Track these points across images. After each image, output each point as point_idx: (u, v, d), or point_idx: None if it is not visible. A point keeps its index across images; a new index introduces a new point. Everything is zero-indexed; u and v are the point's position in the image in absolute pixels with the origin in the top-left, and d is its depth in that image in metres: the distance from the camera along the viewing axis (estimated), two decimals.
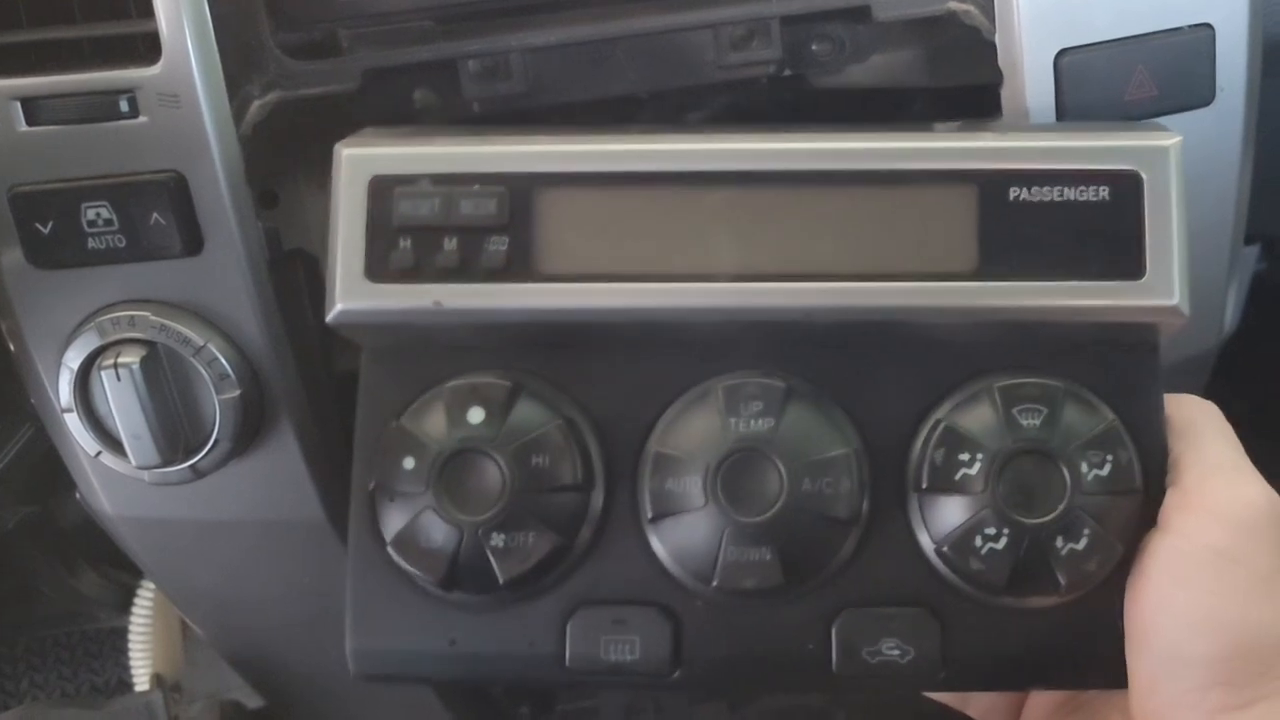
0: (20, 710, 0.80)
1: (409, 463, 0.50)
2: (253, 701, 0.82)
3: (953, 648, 0.50)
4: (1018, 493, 0.49)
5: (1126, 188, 0.49)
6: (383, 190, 0.50)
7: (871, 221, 0.50)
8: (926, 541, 0.51)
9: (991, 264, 0.49)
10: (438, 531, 0.49)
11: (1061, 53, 0.57)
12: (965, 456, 0.49)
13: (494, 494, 0.49)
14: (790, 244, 0.50)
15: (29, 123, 0.56)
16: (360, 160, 0.50)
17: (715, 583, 0.49)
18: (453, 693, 0.77)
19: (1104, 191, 0.49)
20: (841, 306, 0.50)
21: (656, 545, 0.51)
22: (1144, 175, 0.49)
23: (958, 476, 0.49)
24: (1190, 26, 0.58)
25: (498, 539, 0.49)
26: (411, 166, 0.50)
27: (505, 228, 0.50)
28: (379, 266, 0.50)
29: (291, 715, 0.80)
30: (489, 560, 0.49)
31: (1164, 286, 0.49)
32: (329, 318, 0.51)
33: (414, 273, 0.50)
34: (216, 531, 0.65)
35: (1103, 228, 0.49)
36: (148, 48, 0.55)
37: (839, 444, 0.50)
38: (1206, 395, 0.53)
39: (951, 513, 0.49)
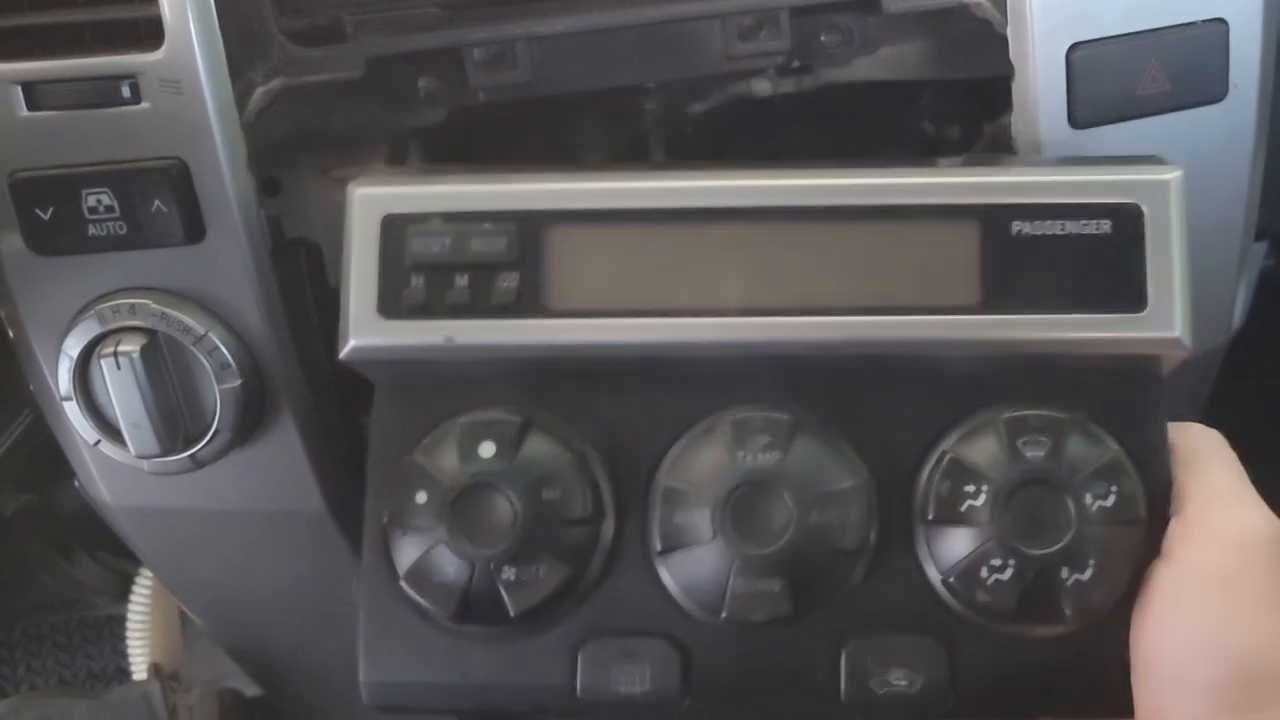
0: (17, 698, 0.80)
1: (422, 497, 0.50)
2: (250, 690, 0.82)
3: (961, 677, 0.51)
4: (1023, 524, 0.49)
5: (1128, 221, 0.49)
6: (395, 229, 0.51)
7: (876, 256, 0.50)
8: (933, 572, 0.51)
9: (995, 297, 0.50)
10: (450, 565, 0.50)
11: (1073, 47, 0.57)
12: (971, 488, 0.49)
13: (505, 527, 0.49)
14: (796, 279, 0.50)
15: (30, 108, 0.55)
16: (373, 199, 0.51)
17: (724, 614, 0.49)
18: None
19: (1105, 225, 0.49)
20: (847, 340, 0.50)
21: (666, 577, 0.51)
22: (1145, 209, 0.49)
23: (963, 508, 0.49)
24: (1204, 21, 0.58)
25: (509, 572, 0.49)
26: (423, 205, 0.51)
27: (515, 264, 0.50)
28: (392, 303, 0.51)
29: (289, 704, 0.80)
30: (501, 593, 0.50)
31: (1166, 318, 0.49)
32: (342, 354, 0.51)
33: (426, 309, 0.51)
34: (216, 522, 0.65)
35: (1104, 261, 0.49)
36: (150, 33, 0.55)
37: (846, 476, 0.50)
38: (1213, 392, 0.52)
39: (958, 544, 0.49)
